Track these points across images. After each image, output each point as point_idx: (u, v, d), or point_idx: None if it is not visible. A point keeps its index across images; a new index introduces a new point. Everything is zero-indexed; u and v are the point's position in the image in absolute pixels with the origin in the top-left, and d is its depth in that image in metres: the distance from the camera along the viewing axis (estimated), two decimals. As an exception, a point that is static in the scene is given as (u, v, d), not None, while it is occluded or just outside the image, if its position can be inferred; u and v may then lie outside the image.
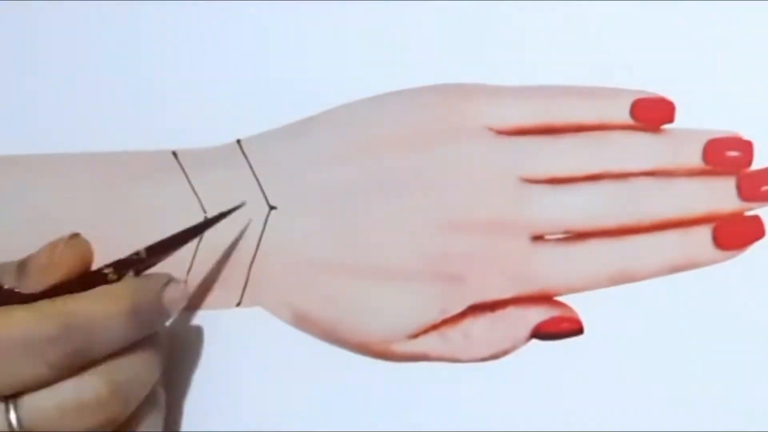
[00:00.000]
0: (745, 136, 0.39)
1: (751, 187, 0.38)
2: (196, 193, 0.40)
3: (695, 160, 0.39)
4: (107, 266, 0.35)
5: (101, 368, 0.33)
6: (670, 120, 0.39)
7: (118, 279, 0.35)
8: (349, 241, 0.39)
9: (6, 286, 0.33)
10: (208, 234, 0.39)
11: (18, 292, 0.33)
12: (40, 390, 0.32)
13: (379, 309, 0.39)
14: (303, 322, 0.39)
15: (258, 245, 0.40)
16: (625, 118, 0.39)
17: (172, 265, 0.37)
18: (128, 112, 0.41)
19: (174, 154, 0.40)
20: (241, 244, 0.40)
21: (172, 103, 0.41)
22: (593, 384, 0.38)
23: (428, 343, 0.39)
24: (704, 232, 0.38)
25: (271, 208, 0.40)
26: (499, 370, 0.38)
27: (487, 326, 0.38)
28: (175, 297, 0.36)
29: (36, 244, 0.34)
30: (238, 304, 0.40)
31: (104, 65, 0.42)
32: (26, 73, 0.42)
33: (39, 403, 0.32)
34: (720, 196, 0.39)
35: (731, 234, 0.38)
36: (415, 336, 0.39)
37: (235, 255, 0.40)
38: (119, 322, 0.34)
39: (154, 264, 0.36)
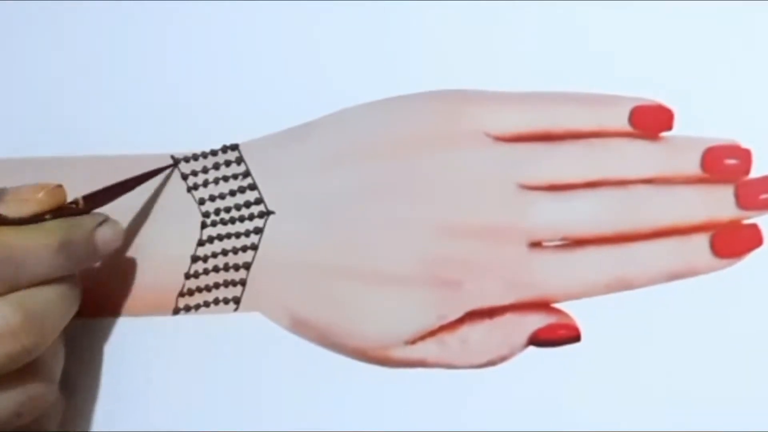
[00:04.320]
0: (744, 144, 0.39)
1: (750, 195, 0.38)
2: (194, 197, 0.40)
3: (693, 167, 0.39)
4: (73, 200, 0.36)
5: (16, 297, 0.33)
6: (669, 127, 0.39)
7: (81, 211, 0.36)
8: (347, 246, 0.39)
9: None
10: (207, 236, 0.39)
11: None
12: None
13: (377, 314, 0.39)
14: (300, 327, 0.39)
15: (256, 250, 0.40)
16: (623, 125, 0.39)
17: (169, 266, 0.38)
18: (127, 116, 0.41)
19: (172, 158, 0.41)
20: (239, 248, 0.40)
21: (172, 107, 0.41)
22: (591, 391, 0.38)
23: (426, 349, 0.39)
24: (702, 240, 0.38)
25: (269, 212, 0.40)
26: (496, 377, 0.38)
27: (484, 333, 0.38)
28: (107, 236, 0.37)
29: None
30: (236, 309, 0.40)
31: (104, 67, 0.42)
32: (27, 75, 0.42)
33: None
34: (718, 204, 0.39)
35: (729, 242, 0.38)
36: (413, 342, 0.39)
37: (233, 259, 0.40)
38: (49, 255, 0.34)
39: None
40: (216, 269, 0.40)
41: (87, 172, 0.40)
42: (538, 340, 0.38)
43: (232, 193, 0.40)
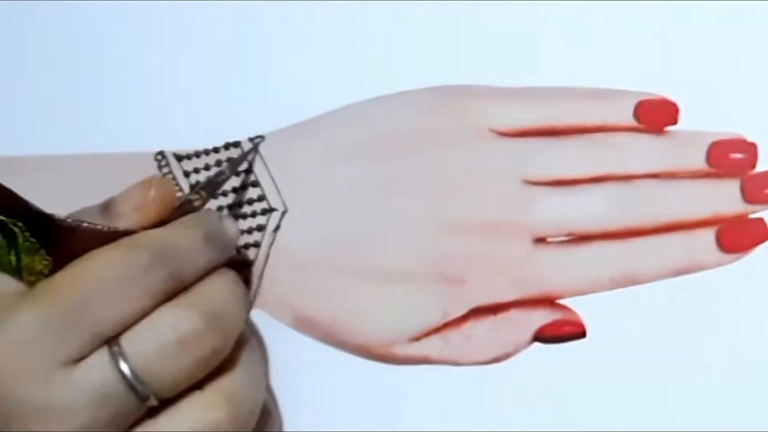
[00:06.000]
0: (750, 138, 0.39)
1: (756, 189, 0.38)
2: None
3: (699, 162, 0.39)
4: (189, 194, 0.36)
5: (189, 299, 0.33)
6: (674, 122, 0.39)
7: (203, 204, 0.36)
8: (350, 243, 0.39)
9: (91, 222, 0.33)
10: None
11: (102, 231, 0.33)
12: (137, 332, 0.32)
13: (381, 311, 0.39)
14: (304, 324, 0.39)
15: (259, 247, 0.40)
16: (628, 119, 0.39)
17: None
18: (128, 113, 0.41)
19: (175, 156, 0.40)
20: (242, 245, 0.40)
21: (175, 104, 0.41)
22: (595, 387, 0.38)
23: (430, 346, 0.38)
24: (708, 235, 0.38)
25: (272, 209, 0.40)
26: (500, 374, 0.38)
27: (489, 329, 0.38)
28: (231, 227, 0.36)
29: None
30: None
31: (103, 65, 0.42)
32: (29, 75, 0.42)
33: (140, 348, 0.31)
34: (724, 198, 0.38)
35: (735, 236, 0.38)
36: (417, 339, 0.39)
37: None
38: (200, 246, 0.33)
39: None
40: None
41: (84, 171, 0.40)
42: (543, 336, 0.38)
43: (235, 191, 0.40)
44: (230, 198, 0.40)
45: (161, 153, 0.40)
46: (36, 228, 0.32)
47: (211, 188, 0.37)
